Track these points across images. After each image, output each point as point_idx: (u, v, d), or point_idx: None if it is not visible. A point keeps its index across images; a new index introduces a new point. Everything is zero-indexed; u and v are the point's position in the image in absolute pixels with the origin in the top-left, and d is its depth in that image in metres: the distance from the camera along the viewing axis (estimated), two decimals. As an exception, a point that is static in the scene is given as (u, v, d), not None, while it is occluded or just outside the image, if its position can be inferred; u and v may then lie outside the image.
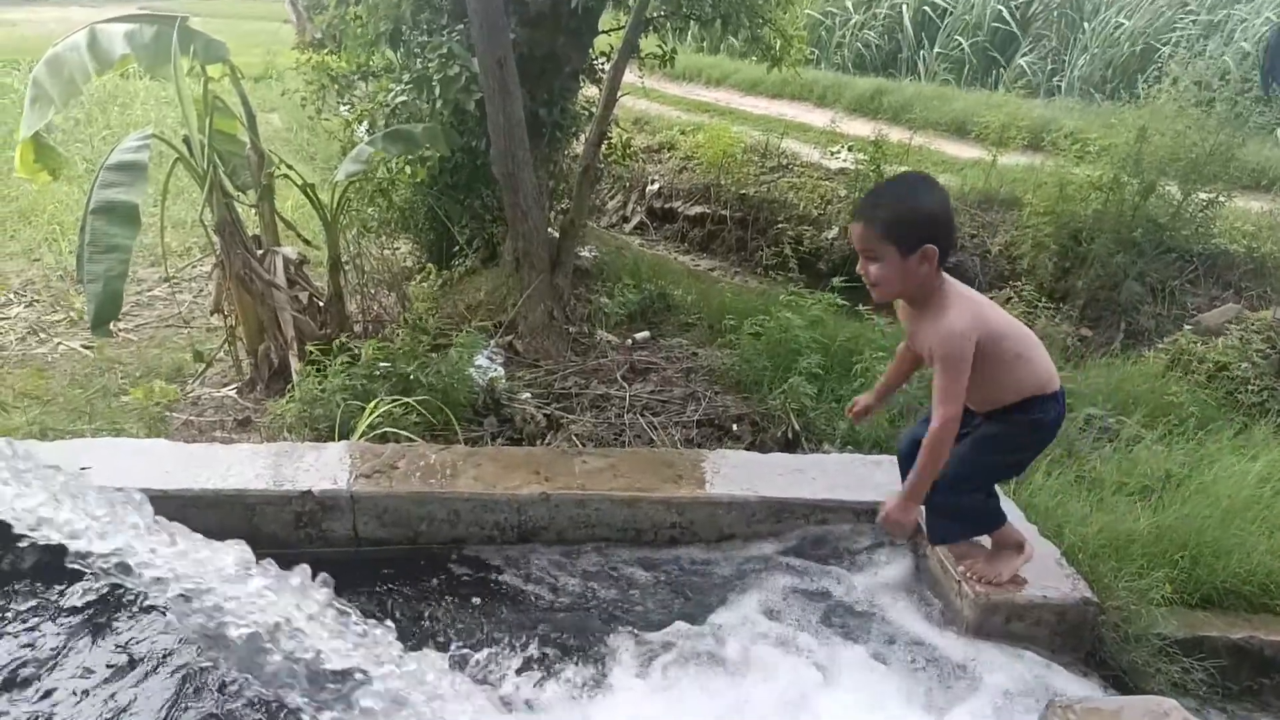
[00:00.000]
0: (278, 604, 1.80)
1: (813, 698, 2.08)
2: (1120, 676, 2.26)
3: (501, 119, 4.55)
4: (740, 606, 2.40)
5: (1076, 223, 6.17)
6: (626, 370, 4.62)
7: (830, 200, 7.87)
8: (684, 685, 2.09)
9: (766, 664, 2.17)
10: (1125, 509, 2.78)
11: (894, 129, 8.99)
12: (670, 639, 2.23)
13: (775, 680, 2.12)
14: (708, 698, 2.06)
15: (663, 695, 2.06)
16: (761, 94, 11.98)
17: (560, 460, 2.84)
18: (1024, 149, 8.03)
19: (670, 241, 8.96)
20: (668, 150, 9.74)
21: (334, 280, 4.87)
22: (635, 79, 6.78)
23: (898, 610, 2.39)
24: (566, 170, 6.12)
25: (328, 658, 1.77)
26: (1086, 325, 5.90)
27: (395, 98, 5.32)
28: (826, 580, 2.54)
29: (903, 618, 2.36)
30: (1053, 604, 2.27)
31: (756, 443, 3.91)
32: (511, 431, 3.94)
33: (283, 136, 10.08)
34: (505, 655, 2.16)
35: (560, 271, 5.29)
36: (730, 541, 2.67)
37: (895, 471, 2.88)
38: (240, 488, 2.52)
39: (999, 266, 6.66)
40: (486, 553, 2.60)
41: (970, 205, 7.25)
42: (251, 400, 4.46)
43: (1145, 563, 2.48)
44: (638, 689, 2.07)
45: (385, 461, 2.75)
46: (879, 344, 4.29)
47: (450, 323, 4.97)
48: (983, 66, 12.07)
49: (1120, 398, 4.07)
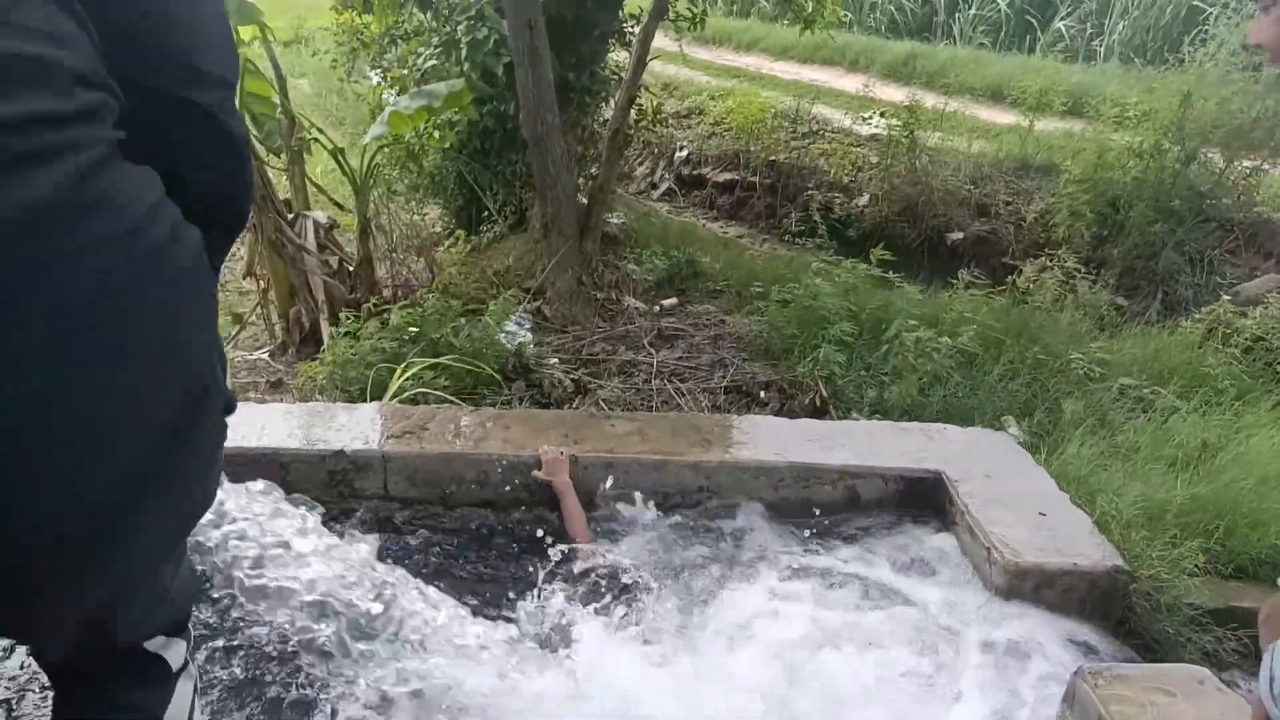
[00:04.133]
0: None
1: (833, 662, 2.09)
2: (1151, 645, 2.25)
3: (530, 83, 4.52)
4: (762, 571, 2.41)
5: (1115, 190, 6.04)
6: (654, 336, 4.62)
7: (861, 167, 7.76)
8: (703, 644, 2.11)
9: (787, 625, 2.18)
10: (1159, 479, 2.74)
11: (928, 94, 8.82)
12: (691, 602, 2.24)
13: (796, 643, 2.13)
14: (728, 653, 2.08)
15: (687, 655, 2.08)
16: (792, 59, 11.79)
17: (589, 423, 2.85)
18: (1062, 115, 7.85)
19: (699, 208, 8.89)
20: (697, 116, 9.63)
21: (363, 245, 4.90)
22: (665, 43, 6.70)
23: (925, 576, 2.39)
24: (595, 136, 6.08)
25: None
26: (1122, 295, 5.79)
27: (425, 62, 5.31)
28: (852, 546, 2.54)
29: (930, 584, 2.36)
30: (1083, 571, 2.26)
31: (784, 409, 3.90)
32: (540, 396, 3.96)
33: (312, 101, 10.10)
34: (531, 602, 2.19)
35: (589, 238, 5.28)
36: (756, 505, 2.67)
37: (923, 437, 2.89)
38: (275, 446, 2.57)
39: (1034, 234, 6.54)
40: (515, 513, 2.62)
41: (1005, 172, 7.12)
42: (284, 363, 4.52)
43: (1179, 532, 2.45)
44: (671, 645, 2.10)
45: (416, 423, 2.78)
46: (910, 312, 4.25)
47: (479, 288, 4.99)
48: (1019, 30, 11.78)
49: (1156, 368, 4.00)
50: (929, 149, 7.36)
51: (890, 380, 3.84)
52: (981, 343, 3.98)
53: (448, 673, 1.85)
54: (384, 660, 1.83)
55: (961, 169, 7.21)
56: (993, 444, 2.90)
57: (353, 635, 1.83)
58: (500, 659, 1.92)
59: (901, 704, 1.97)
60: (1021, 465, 2.76)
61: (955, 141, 7.64)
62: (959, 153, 7.42)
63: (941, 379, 3.78)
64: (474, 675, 1.86)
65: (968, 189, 7.08)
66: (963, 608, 2.28)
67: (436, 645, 1.87)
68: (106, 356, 0.85)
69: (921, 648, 2.15)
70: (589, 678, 1.93)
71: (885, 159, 7.32)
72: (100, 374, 0.85)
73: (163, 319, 0.91)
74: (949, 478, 2.62)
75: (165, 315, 0.91)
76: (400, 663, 1.84)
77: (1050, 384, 3.82)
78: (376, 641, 1.84)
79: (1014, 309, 4.51)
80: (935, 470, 2.67)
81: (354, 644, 1.83)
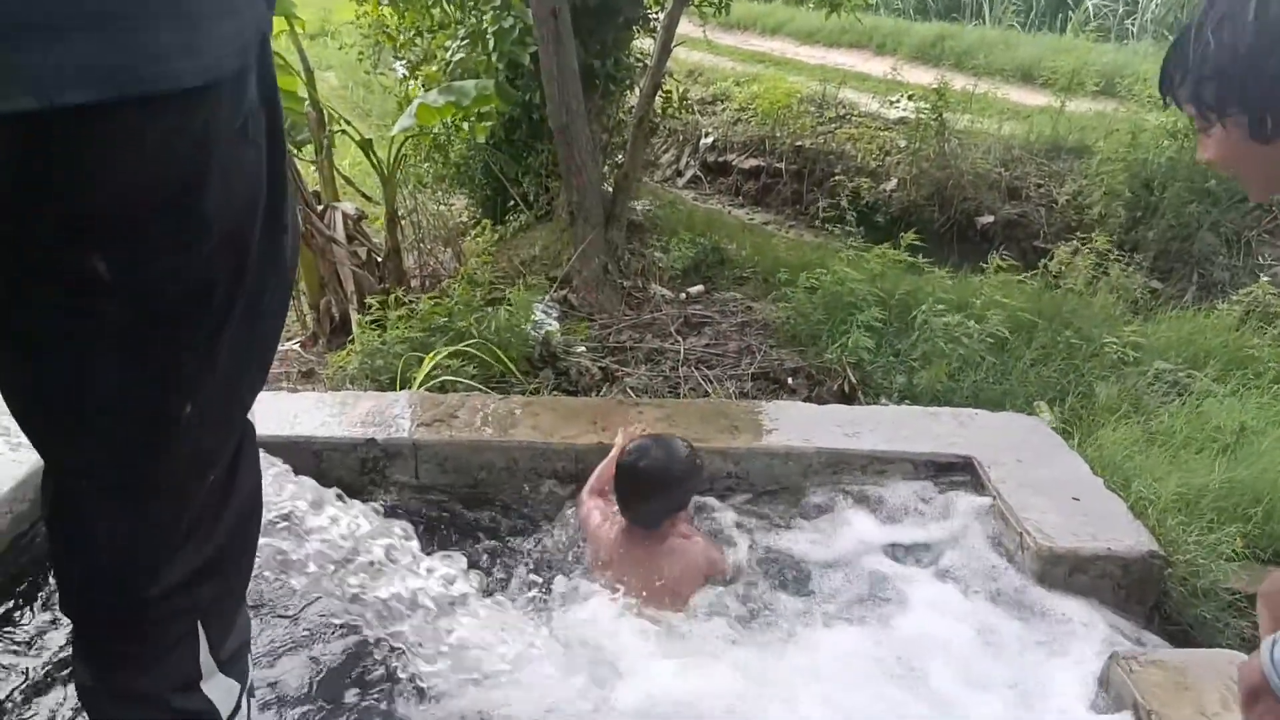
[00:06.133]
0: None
1: (865, 650, 2.09)
2: (1186, 631, 2.22)
3: (556, 71, 4.52)
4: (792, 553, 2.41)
5: (1149, 171, 5.94)
6: (680, 324, 4.61)
7: (889, 151, 7.68)
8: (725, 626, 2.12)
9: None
10: (1196, 463, 2.70)
11: (957, 76, 8.71)
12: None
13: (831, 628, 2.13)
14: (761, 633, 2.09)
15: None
16: (818, 43, 11.68)
17: (617, 410, 2.86)
18: (1094, 95, 7.72)
19: (724, 195, 8.85)
20: (721, 102, 9.58)
21: (391, 235, 4.94)
22: (690, 29, 6.67)
23: (957, 561, 2.37)
24: (621, 124, 6.08)
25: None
26: (1157, 277, 5.70)
27: (453, 55, 5.33)
28: (883, 531, 2.53)
29: (962, 568, 2.34)
30: (1117, 556, 2.23)
31: (812, 396, 3.89)
32: (567, 384, 3.98)
33: (339, 94, 10.17)
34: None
35: (615, 226, 5.28)
36: (785, 492, 2.66)
37: (953, 422, 2.86)
38: (308, 434, 2.60)
39: (1066, 217, 6.45)
40: (545, 500, 2.64)
41: (1036, 154, 7.02)
42: (314, 353, 4.57)
43: (1216, 517, 2.42)
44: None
45: (445, 410, 2.80)
46: (940, 297, 4.21)
47: (505, 278, 5.01)
48: (1050, 9, 11.58)
49: (1191, 351, 3.93)
50: (958, 132, 7.27)
51: (919, 366, 3.81)
52: (1013, 327, 3.94)
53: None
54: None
55: (992, 152, 7.12)
56: (1025, 429, 2.87)
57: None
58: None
59: (932, 686, 1.96)
60: (1054, 450, 2.73)
61: (985, 124, 7.54)
62: (989, 135, 7.32)
63: (972, 364, 3.74)
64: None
65: (998, 172, 6.99)
66: (994, 592, 2.26)
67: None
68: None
69: (951, 632, 2.14)
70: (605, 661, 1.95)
71: (913, 143, 7.24)
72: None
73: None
74: (980, 463, 2.60)
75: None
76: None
77: (1083, 368, 3.77)
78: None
79: (1046, 293, 4.46)
80: (966, 455, 2.64)
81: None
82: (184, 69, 0.79)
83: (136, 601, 1.10)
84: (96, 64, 0.74)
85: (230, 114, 0.88)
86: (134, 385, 0.96)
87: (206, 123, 0.85)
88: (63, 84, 0.73)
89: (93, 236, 0.84)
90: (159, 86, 0.78)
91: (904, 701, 1.92)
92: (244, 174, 0.93)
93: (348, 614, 1.86)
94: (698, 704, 1.87)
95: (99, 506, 1.06)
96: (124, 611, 1.12)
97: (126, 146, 0.80)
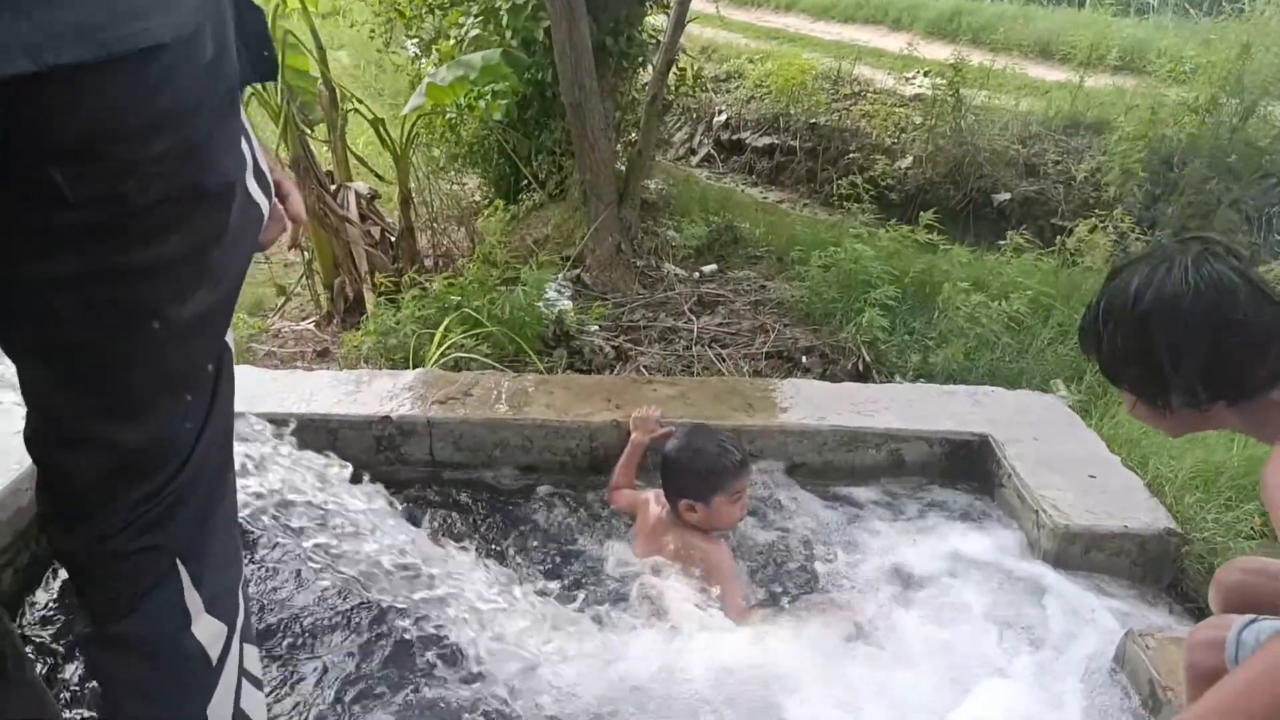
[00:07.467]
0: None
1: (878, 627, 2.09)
2: (1203, 608, 2.21)
3: (568, 47, 4.49)
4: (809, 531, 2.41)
5: (1168, 147, 5.87)
6: (694, 303, 4.60)
7: (905, 128, 7.61)
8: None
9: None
10: (1215, 441, 2.68)
11: (974, 52, 8.59)
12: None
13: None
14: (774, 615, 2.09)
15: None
16: (833, 19, 11.57)
17: (631, 388, 2.86)
18: (1113, 70, 7.61)
19: (738, 173, 8.81)
20: (736, 79, 9.51)
21: (405, 215, 4.94)
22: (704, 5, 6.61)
23: (973, 539, 2.36)
24: (634, 102, 6.03)
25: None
26: (1176, 255, 5.63)
27: (466, 32, 5.29)
28: (898, 509, 2.53)
29: (977, 546, 2.34)
30: (1133, 534, 2.22)
31: (826, 374, 3.87)
32: (580, 363, 3.98)
33: (351, 73, 10.13)
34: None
35: (628, 204, 5.25)
36: (800, 470, 2.66)
37: (969, 400, 2.85)
38: (324, 412, 2.62)
39: (1084, 194, 6.38)
40: (559, 477, 2.64)
41: (1054, 130, 6.93)
42: (329, 332, 4.59)
43: (1234, 495, 2.40)
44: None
45: (460, 388, 2.81)
46: (955, 275, 4.18)
47: (518, 256, 5.00)
48: (1070, -17, 11.40)
49: (1210, 329, 3.89)
50: (975, 108, 7.19)
51: (935, 344, 3.78)
52: (1030, 305, 3.90)
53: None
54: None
55: (1009, 128, 7.04)
56: (1041, 406, 2.85)
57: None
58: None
59: (949, 661, 1.96)
60: (1071, 427, 2.72)
61: (1002, 100, 7.46)
62: (1006, 111, 7.24)
63: (988, 343, 3.72)
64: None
65: (1015, 148, 6.92)
66: (1009, 570, 2.26)
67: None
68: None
69: (966, 611, 2.14)
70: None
71: (929, 119, 7.17)
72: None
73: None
74: (996, 440, 2.59)
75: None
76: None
77: (1102, 346, 3.73)
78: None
79: (1064, 271, 4.41)
80: (982, 433, 2.63)
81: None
82: (160, 25, 0.85)
83: (108, 532, 1.10)
84: (88, 23, 0.78)
85: (193, 60, 0.93)
86: (101, 299, 0.97)
87: (169, 69, 0.89)
88: (60, 46, 0.77)
89: (61, 165, 0.88)
90: (141, 43, 0.83)
91: (916, 677, 1.92)
92: (199, 101, 0.95)
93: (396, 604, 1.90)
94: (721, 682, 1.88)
95: (76, 427, 1.07)
96: (97, 544, 1.12)
97: (100, 95, 0.84)
